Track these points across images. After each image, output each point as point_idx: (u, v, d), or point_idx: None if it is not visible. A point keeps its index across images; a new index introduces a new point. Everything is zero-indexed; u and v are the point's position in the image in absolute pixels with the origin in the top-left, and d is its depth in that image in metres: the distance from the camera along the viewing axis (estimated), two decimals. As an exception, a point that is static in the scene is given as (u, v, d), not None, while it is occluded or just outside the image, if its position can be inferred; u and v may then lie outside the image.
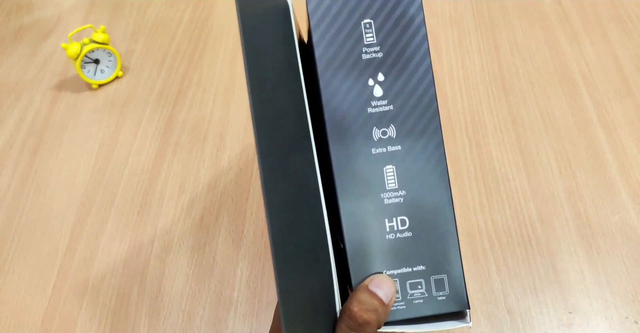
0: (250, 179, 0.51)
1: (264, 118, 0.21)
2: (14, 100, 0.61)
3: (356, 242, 0.26)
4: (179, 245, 0.47)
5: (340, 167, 0.27)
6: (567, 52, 0.59)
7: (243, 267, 0.45)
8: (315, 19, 0.27)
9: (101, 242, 0.48)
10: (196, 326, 0.42)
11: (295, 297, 0.20)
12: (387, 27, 0.27)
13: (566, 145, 0.51)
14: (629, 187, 0.47)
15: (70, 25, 0.70)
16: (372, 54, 0.27)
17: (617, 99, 0.54)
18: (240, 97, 0.59)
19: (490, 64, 0.59)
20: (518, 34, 0.62)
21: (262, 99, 0.21)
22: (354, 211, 0.27)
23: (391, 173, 0.27)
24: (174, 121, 0.57)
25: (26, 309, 0.45)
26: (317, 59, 0.27)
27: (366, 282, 0.26)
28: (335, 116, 0.27)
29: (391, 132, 0.27)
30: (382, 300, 0.25)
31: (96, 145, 0.56)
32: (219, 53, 0.64)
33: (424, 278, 0.27)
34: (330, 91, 0.27)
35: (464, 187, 0.48)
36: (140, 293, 0.45)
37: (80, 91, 0.62)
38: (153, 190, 0.51)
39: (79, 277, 0.46)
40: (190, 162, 0.53)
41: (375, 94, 0.27)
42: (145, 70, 0.63)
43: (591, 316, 0.41)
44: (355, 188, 0.27)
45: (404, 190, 0.27)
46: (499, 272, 0.43)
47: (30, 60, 0.66)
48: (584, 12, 0.63)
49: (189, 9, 0.70)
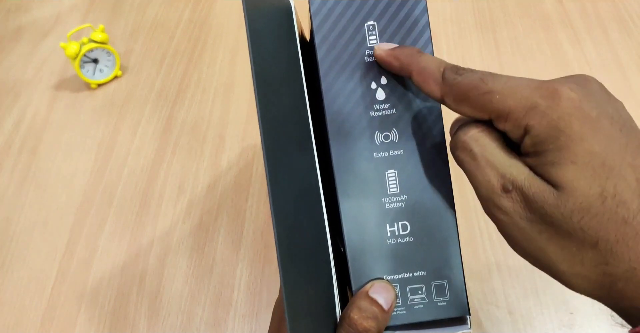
0: (249, 180, 0.51)
1: (271, 120, 0.20)
2: (12, 100, 0.61)
3: (357, 246, 0.26)
4: (178, 245, 0.47)
5: (342, 171, 0.26)
6: (568, 52, 0.59)
7: (242, 267, 0.45)
8: (318, 20, 0.26)
9: (100, 243, 0.48)
10: (195, 327, 0.42)
11: (299, 301, 0.20)
12: (391, 29, 0.26)
13: (567, 145, 0.51)
14: (630, 188, 0.47)
15: (69, 25, 0.70)
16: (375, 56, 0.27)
17: (618, 98, 0.53)
18: (239, 97, 0.58)
19: (491, 63, 0.59)
20: (519, 33, 0.61)
21: (269, 101, 0.21)
22: (355, 215, 0.26)
23: (393, 177, 0.27)
24: (173, 121, 0.57)
25: (25, 310, 0.44)
26: (319, 60, 0.26)
27: (366, 288, 0.26)
28: (336, 119, 0.26)
29: (393, 136, 0.27)
30: (382, 306, 0.25)
31: (95, 145, 0.56)
32: (218, 53, 0.64)
33: (424, 283, 0.27)
34: (332, 94, 0.26)
35: (464, 187, 0.48)
36: (139, 293, 0.44)
37: (79, 91, 0.61)
38: (152, 191, 0.51)
39: (78, 278, 0.46)
40: (190, 162, 0.53)
41: (378, 97, 0.26)
42: (145, 69, 0.63)
43: (592, 317, 0.40)
44: (356, 192, 0.26)
45: (406, 195, 0.27)
46: (500, 272, 0.43)
47: (28, 60, 0.66)
48: (585, 11, 0.63)
49: (189, 9, 0.70)
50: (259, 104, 0.19)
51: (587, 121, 0.20)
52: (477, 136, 0.22)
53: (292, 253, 0.20)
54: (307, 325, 0.20)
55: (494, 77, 0.22)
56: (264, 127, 0.19)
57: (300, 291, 0.21)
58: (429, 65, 0.24)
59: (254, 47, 0.20)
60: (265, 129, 0.19)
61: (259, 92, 0.20)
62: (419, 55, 0.24)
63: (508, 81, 0.21)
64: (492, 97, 0.21)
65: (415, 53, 0.25)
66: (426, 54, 0.25)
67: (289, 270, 0.19)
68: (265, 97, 0.20)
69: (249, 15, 0.20)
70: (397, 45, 0.26)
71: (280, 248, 0.19)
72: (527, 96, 0.20)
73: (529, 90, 0.21)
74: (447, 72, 0.23)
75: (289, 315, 0.18)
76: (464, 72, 0.22)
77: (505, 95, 0.21)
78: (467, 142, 0.23)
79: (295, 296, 0.20)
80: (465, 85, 0.22)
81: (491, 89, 0.21)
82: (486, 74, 0.22)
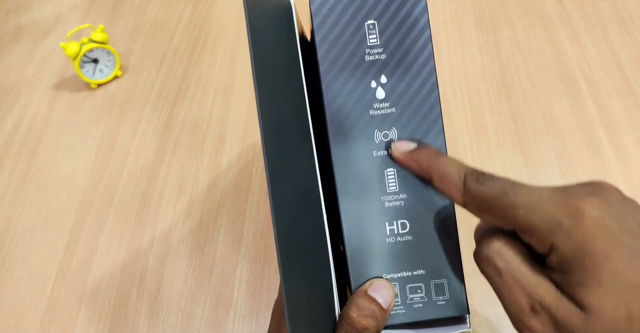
0: (249, 180, 0.51)
1: (271, 119, 0.20)
2: (12, 100, 0.61)
3: (356, 245, 0.26)
4: (178, 245, 0.47)
5: (341, 170, 0.26)
6: (568, 51, 0.59)
7: (242, 267, 0.45)
8: (318, 19, 0.26)
9: (100, 243, 0.48)
10: (195, 327, 0.42)
11: (298, 300, 0.20)
12: (391, 29, 0.26)
13: (567, 144, 0.51)
14: (630, 187, 0.47)
15: (69, 25, 0.70)
16: (375, 55, 0.26)
17: (618, 98, 0.53)
18: (239, 97, 0.58)
19: (491, 63, 0.59)
20: (519, 33, 0.61)
21: (269, 100, 0.21)
22: (355, 214, 0.26)
23: (392, 176, 0.27)
24: (173, 121, 0.57)
25: (25, 310, 0.44)
26: (319, 60, 0.26)
27: (365, 287, 0.25)
28: (336, 118, 0.26)
29: (392, 134, 0.27)
30: (381, 305, 0.25)
31: (95, 145, 0.56)
32: (218, 52, 0.64)
33: (423, 282, 0.26)
34: (332, 93, 0.26)
35: (464, 187, 0.48)
36: (139, 293, 0.44)
37: (79, 91, 0.61)
38: (152, 191, 0.51)
39: (78, 278, 0.46)
40: (190, 163, 0.53)
41: (378, 96, 0.27)
42: (145, 69, 0.63)
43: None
44: (355, 190, 0.26)
45: (405, 194, 0.27)
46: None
47: (28, 60, 0.66)
48: (584, 11, 0.63)
49: (188, 9, 0.70)
50: (260, 103, 0.19)
51: (610, 239, 0.20)
52: (501, 249, 0.22)
53: (291, 252, 0.20)
54: (306, 324, 0.20)
55: (517, 189, 0.22)
56: (264, 126, 0.19)
57: (300, 290, 0.21)
58: (449, 171, 0.24)
59: (255, 46, 0.20)
60: (265, 128, 0.19)
61: (260, 91, 0.20)
62: (438, 158, 0.24)
63: (531, 194, 0.21)
64: (516, 211, 0.21)
65: (434, 155, 0.25)
66: (445, 156, 0.25)
67: (289, 270, 0.19)
68: (266, 97, 0.20)
69: (250, 15, 0.20)
70: (415, 146, 0.26)
71: (280, 248, 0.19)
72: (550, 213, 0.20)
73: (552, 206, 0.21)
74: (468, 180, 0.23)
75: (288, 314, 0.18)
76: (485, 180, 0.22)
77: (529, 211, 0.21)
78: (491, 256, 0.23)
79: (295, 295, 0.20)
80: (487, 195, 0.22)
81: (514, 203, 0.21)
82: (508, 185, 0.22)
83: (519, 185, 0.22)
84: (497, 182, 0.22)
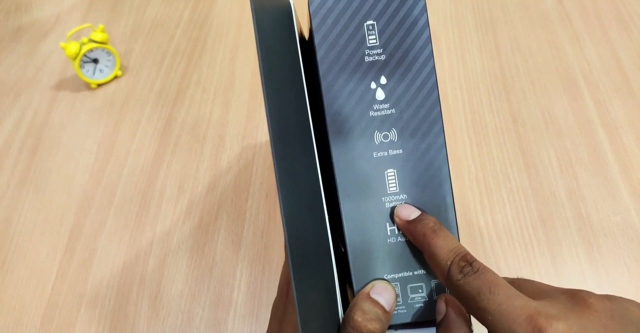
0: (249, 180, 0.51)
1: (279, 121, 0.20)
2: (12, 100, 0.61)
3: (357, 246, 0.26)
4: (178, 245, 0.47)
5: (342, 171, 0.26)
6: (568, 52, 0.59)
7: (242, 267, 0.45)
8: (317, 20, 0.26)
9: (100, 243, 0.48)
10: (195, 327, 0.42)
11: (308, 305, 0.20)
12: (390, 29, 0.26)
13: (567, 145, 0.51)
14: (630, 187, 0.47)
15: (69, 25, 0.70)
16: (374, 56, 0.26)
17: (618, 98, 0.54)
18: (239, 97, 0.58)
19: (491, 63, 0.59)
20: (519, 33, 0.61)
21: (276, 102, 0.21)
22: (356, 215, 0.26)
23: (392, 177, 0.27)
24: (173, 121, 0.57)
25: (25, 310, 0.44)
26: (318, 60, 0.26)
27: (367, 289, 0.25)
28: (336, 119, 0.26)
29: (392, 135, 0.27)
30: (384, 307, 0.25)
31: (95, 145, 0.56)
32: (218, 53, 0.64)
33: (424, 282, 0.27)
34: (331, 94, 0.26)
35: (464, 187, 0.48)
36: (139, 293, 0.44)
37: (79, 91, 0.61)
38: (152, 191, 0.51)
39: (78, 278, 0.46)
40: (190, 163, 0.53)
41: (378, 97, 0.26)
42: (145, 69, 0.63)
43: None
44: (356, 191, 0.26)
45: (405, 194, 0.27)
46: (500, 273, 0.43)
47: (29, 60, 0.66)
48: (584, 11, 0.63)
49: (188, 9, 0.70)
50: (268, 104, 0.19)
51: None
52: None
53: (301, 256, 0.20)
54: (316, 329, 0.20)
55: (492, 293, 0.21)
56: (273, 129, 0.19)
57: (309, 294, 0.20)
58: (438, 254, 0.24)
59: (262, 47, 0.20)
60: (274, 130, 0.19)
61: (268, 92, 0.20)
62: (432, 236, 0.25)
63: (502, 303, 0.21)
64: (485, 315, 0.21)
65: (429, 232, 0.25)
66: (439, 235, 0.25)
67: (300, 274, 0.19)
68: (273, 98, 0.20)
69: (257, 14, 0.20)
70: (417, 215, 0.26)
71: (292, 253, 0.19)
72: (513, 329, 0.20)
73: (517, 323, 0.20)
74: (452, 270, 0.23)
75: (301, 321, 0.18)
76: (468, 273, 0.23)
77: (495, 321, 0.21)
78: None
79: (306, 300, 0.19)
80: (464, 292, 0.22)
81: (485, 308, 0.21)
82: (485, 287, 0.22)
83: (497, 288, 0.22)
84: (478, 279, 0.22)
